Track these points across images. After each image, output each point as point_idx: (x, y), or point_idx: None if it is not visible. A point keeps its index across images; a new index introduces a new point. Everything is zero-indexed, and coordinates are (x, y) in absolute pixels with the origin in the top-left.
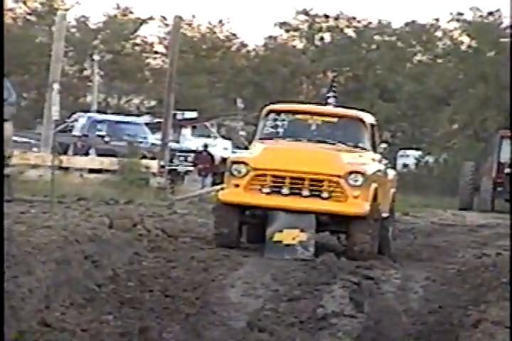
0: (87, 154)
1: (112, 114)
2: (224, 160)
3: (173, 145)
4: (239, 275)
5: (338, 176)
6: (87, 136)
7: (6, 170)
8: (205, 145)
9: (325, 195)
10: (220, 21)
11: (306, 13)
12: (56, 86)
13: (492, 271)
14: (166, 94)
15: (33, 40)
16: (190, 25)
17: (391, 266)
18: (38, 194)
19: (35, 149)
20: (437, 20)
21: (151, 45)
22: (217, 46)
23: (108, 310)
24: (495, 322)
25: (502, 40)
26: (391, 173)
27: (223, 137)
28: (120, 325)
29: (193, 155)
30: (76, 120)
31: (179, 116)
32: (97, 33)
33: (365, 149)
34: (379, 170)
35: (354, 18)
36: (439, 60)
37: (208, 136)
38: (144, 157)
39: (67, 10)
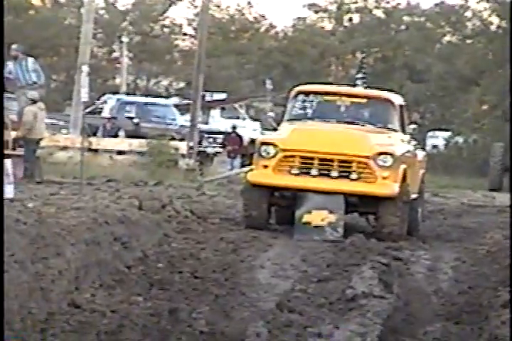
0: (116, 136)
1: (141, 95)
2: (253, 141)
3: (202, 126)
4: (268, 257)
5: (367, 157)
6: (116, 118)
7: (37, 152)
8: (234, 127)
9: (354, 176)
10: (249, 3)
11: None
12: (85, 68)
13: None
14: (195, 75)
15: (62, 22)
16: (218, 6)
17: (420, 247)
18: (68, 176)
19: (64, 131)
20: (466, 0)
21: (180, 26)
22: (246, 27)
23: (137, 292)
24: None
25: None
26: (420, 154)
27: (252, 118)
28: (150, 306)
29: (222, 136)
30: (105, 102)
31: (208, 98)
32: (126, 15)
33: (394, 130)
34: (408, 151)
35: None
36: (468, 41)
37: (237, 118)
38: (173, 138)
39: None
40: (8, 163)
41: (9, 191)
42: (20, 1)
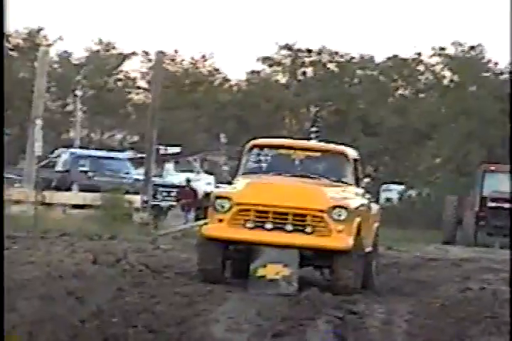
0: (70, 189)
1: (95, 149)
2: (207, 195)
3: (156, 180)
4: (223, 311)
5: (322, 211)
6: (70, 172)
7: None
8: (188, 180)
9: (308, 229)
10: (203, 56)
11: (288, 47)
12: (39, 121)
13: (476, 305)
14: (149, 129)
15: (16, 76)
16: (172, 60)
17: (375, 301)
18: (21, 230)
19: (17, 185)
20: (419, 54)
21: (134, 80)
22: (200, 81)
23: None
24: None
25: (484, 74)
26: (374, 208)
27: (206, 172)
28: None
29: (176, 190)
30: (59, 155)
31: (162, 151)
32: (80, 69)
33: (348, 184)
34: (362, 205)
35: (336, 53)
36: (422, 95)
37: (191, 171)
38: (127, 192)
39: (49, 45)
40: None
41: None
42: None
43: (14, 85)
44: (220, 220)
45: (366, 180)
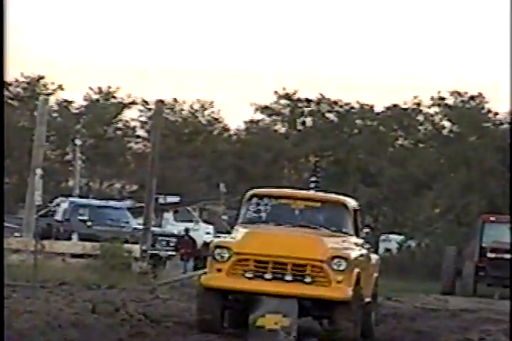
0: (69, 239)
1: (94, 198)
2: (206, 244)
3: (155, 229)
4: None
5: (321, 261)
6: (70, 221)
7: None
8: (187, 230)
9: (308, 279)
10: (202, 106)
11: (287, 97)
12: (38, 171)
13: None
14: (148, 178)
15: (15, 125)
16: (172, 109)
17: None
18: (20, 279)
19: (17, 234)
20: (419, 104)
21: (133, 129)
22: (199, 130)
23: None
24: None
25: (484, 124)
26: (373, 258)
27: (205, 221)
28: None
29: (175, 239)
30: (58, 204)
31: (161, 201)
32: (79, 118)
33: (348, 234)
34: (362, 255)
35: (336, 103)
36: (421, 145)
37: (190, 221)
38: (126, 241)
39: (49, 95)
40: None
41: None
42: None
43: (14, 134)
44: (219, 270)
45: (366, 230)
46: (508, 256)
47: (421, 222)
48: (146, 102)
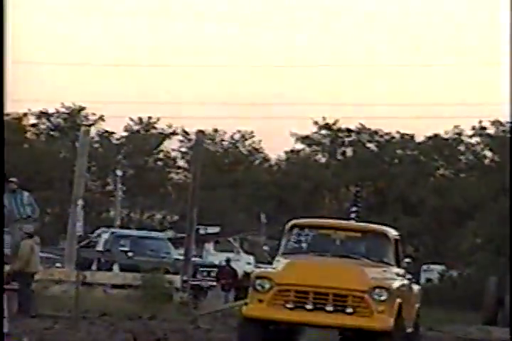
0: (110, 269)
1: (135, 229)
2: (247, 275)
3: (196, 260)
4: None
5: (363, 291)
6: (111, 251)
7: (32, 286)
8: (228, 260)
9: (349, 310)
10: (243, 136)
11: (328, 127)
12: (80, 201)
13: None
14: (189, 208)
15: (57, 156)
16: (212, 139)
17: None
18: (62, 309)
19: (58, 264)
20: (460, 134)
21: (174, 159)
22: (240, 160)
23: None
24: None
25: None
26: (415, 288)
27: (246, 252)
28: None
29: (216, 270)
30: (99, 235)
31: (202, 231)
32: (120, 148)
33: (389, 264)
34: (403, 285)
35: (376, 133)
36: (462, 174)
37: (231, 251)
38: (167, 272)
39: (90, 125)
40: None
41: (4, 326)
42: (14, 135)
43: (55, 165)
44: (260, 300)
45: (407, 260)
46: None
47: (462, 252)
48: (186, 133)
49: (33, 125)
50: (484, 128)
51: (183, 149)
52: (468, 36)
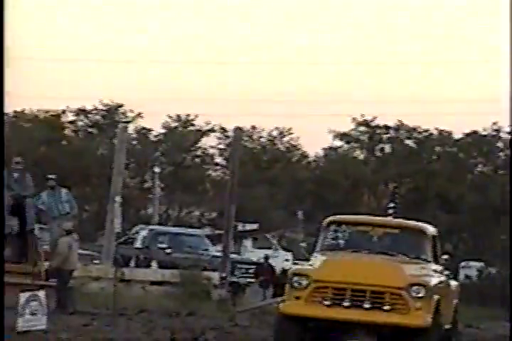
0: (148, 266)
1: (173, 226)
2: (285, 271)
3: (234, 256)
4: None
5: (400, 288)
6: (149, 248)
7: (70, 283)
8: (266, 257)
9: (386, 307)
10: (280, 133)
11: (366, 124)
12: (118, 198)
13: None
14: (227, 205)
15: (94, 153)
16: (250, 136)
17: None
18: (100, 306)
19: (96, 261)
20: (498, 131)
21: (212, 156)
22: (278, 157)
23: None
24: None
25: None
26: (453, 285)
27: (284, 248)
28: None
29: (254, 266)
30: (137, 232)
31: (240, 228)
32: (158, 145)
33: (427, 260)
34: (441, 282)
35: (414, 129)
36: (501, 171)
37: (269, 248)
38: (205, 269)
39: (128, 122)
40: (41, 294)
41: (42, 322)
42: (52, 132)
43: (93, 162)
44: (298, 297)
45: (444, 256)
46: None
47: (501, 249)
48: (224, 130)
49: (71, 122)
50: None
51: (221, 146)
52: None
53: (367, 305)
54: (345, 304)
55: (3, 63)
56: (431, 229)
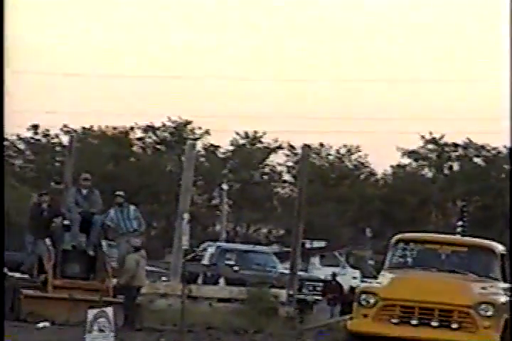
0: (216, 283)
1: (241, 243)
2: (353, 289)
3: (301, 274)
4: None
5: (468, 306)
6: (216, 265)
7: (137, 300)
8: (334, 275)
9: (455, 325)
10: (349, 150)
11: (435, 141)
12: (186, 215)
13: None
14: (295, 223)
15: (163, 169)
16: (318, 154)
17: None
18: (168, 323)
19: (164, 278)
20: None
21: (280, 173)
22: (346, 175)
23: None
24: None
25: None
26: None
27: (352, 266)
28: None
29: (321, 284)
30: (205, 249)
31: (308, 245)
32: (226, 162)
33: (495, 279)
34: (510, 301)
35: (483, 147)
36: None
37: (337, 265)
38: (273, 286)
39: (196, 139)
40: (109, 310)
41: (110, 339)
42: (121, 148)
43: (161, 178)
44: (365, 315)
45: None
46: None
47: None
48: (292, 147)
49: (140, 139)
50: None
51: (289, 163)
52: None
53: (435, 324)
54: (413, 322)
55: (3, 63)
56: (499, 248)
